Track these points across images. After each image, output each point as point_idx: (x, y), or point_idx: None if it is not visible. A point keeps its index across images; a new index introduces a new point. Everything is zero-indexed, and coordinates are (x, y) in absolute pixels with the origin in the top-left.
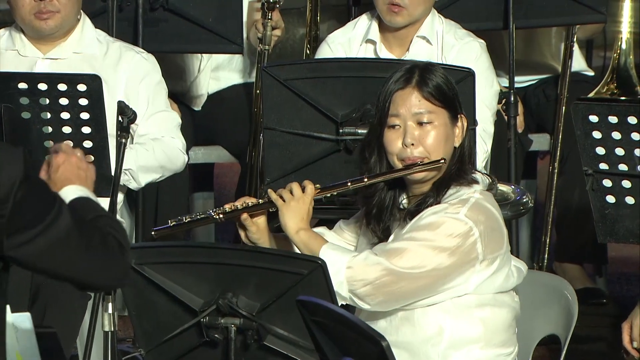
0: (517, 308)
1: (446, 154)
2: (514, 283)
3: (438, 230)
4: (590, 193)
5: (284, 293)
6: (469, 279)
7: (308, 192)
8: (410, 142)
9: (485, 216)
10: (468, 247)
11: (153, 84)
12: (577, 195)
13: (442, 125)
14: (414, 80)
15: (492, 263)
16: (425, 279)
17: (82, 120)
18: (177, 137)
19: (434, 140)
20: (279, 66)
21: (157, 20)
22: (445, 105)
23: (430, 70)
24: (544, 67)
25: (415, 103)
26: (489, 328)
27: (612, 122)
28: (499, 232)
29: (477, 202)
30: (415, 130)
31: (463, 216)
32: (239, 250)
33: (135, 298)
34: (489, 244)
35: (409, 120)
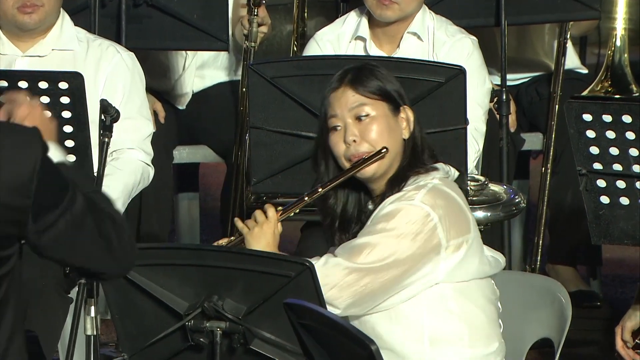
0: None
1: (392, 144)
2: (489, 271)
3: (395, 218)
4: (583, 193)
5: (271, 296)
6: (437, 267)
7: (271, 217)
8: (351, 139)
9: (445, 200)
10: (428, 233)
11: (128, 88)
12: (570, 195)
13: (382, 117)
14: (347, 79)
15: (459, 248)
16: (389, 271)
17: (63, 119)
18: (142, 149)
19: (375, 133)
20: (265, 64)
21: (141, 16)
22: (383, 98)
23: (364, 68)
24: (536, 65)
25: (349, 99)
26: (470, 322)
27: (606, 120)
28: (462, 216)
29: (434, 187)
30: (354, 126)
31: (419, 202)
32: (225, 252)
33: (119, 301)
34: (451, 229)
35: (347, 117)
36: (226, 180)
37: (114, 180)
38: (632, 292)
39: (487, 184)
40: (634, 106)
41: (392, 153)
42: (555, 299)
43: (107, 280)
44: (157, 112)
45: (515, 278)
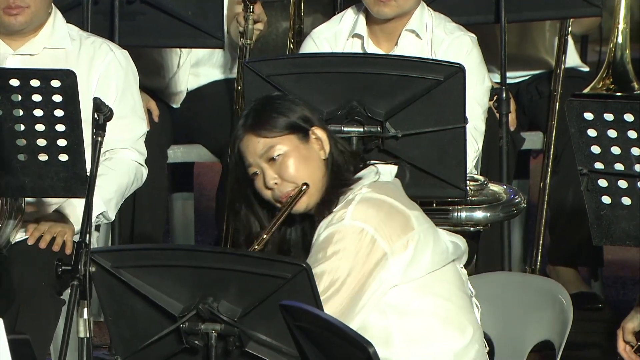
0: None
1: (314, 173)
2: (448, 257)
3: (332, 243)
4: (585, 193)
5: (267, 297)
6: (389, 272)
7: None
8: (272, 182)
9: (376, 208)
10: (369, 247)
11: (121, 86)
12: (571, 195)
13: (294, 150)
14: (247, 125)
15: (406, 248)
16: (341, 294)
17: (56, 117)
18: (135, 149)
19: (292, 169)
20: (261, 61)
21: (134, 13)
22: (288, 131)
23: (261, 107)
24: (537, 62)
25: (256, 146)
26: (439, 315)
27: (607, 119)
28: (399, 216)
29: (362, 199)
30: (270, 169)
31: (349, 220)
32: (220, 253)
33: (112, 303)
34: (391, 234)
35: (261, 162)
36: (221, 180)
37: (107, 181)
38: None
39: (487, 183)
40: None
41: (316, 181)
42: (556, 301)
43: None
44: (151, 110)
45: (515, 279)
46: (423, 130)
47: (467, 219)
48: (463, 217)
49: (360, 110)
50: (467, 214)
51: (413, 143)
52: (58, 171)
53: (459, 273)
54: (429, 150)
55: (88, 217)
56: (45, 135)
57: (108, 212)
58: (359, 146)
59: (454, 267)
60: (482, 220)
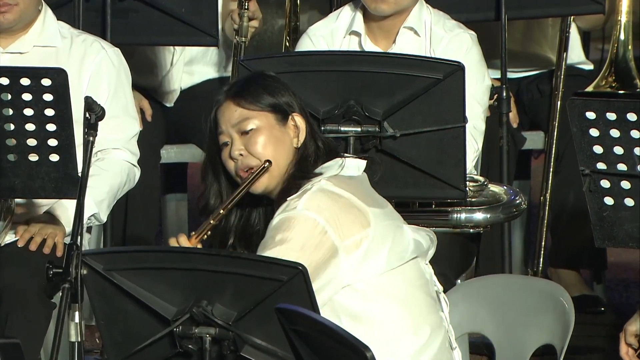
0: (426, 285)
1: (279, 156)
2: (406, 256)
3: (282, 230)
4: (587, 194)
5: (263, 301)
6: (340, 269)
7: (187, 245)
8: (237, 153)
9: (331, 200)
10: (318, 237)
11: (113, 85)
12: (573, 196)
13: (267, 128)
14: (230, 92)
15: (359, 246)
16: None
17: (46, 117)
18: (128, 149)
19: (260, 145)
20: (256, 59)
21: (127, 10)
22: (267, 108)
23: (251, 78)
24: (540, 59)
25: (232, 114)
26: (392, 317)
27: (610, 119)
28: (356, 213)
29: (318, 190)
30: (239, 141)
31: (302, 209)
32: (215, 256)
33: (104, 306)
34: (344, 228)
35: (232, 132)
36: None
37: (99, 182)
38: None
39: (487, 184)
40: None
41: (281, 164)
42: (558, 304)
43: None
44: (143, 110)
45: (516, 282)
46: (422, 129)
47: (466, 220)
48: (463, 219)
49: (358, 109)
50: (467, 215)
51: (411, 143)
52: (49, 172)
53: (421, 271)
54: (428, 150)
55: (79, 219)
56: (36, 135)
57: (100, 213)
58: (356, 146)
59: (415, 266)
60: (482, 222)
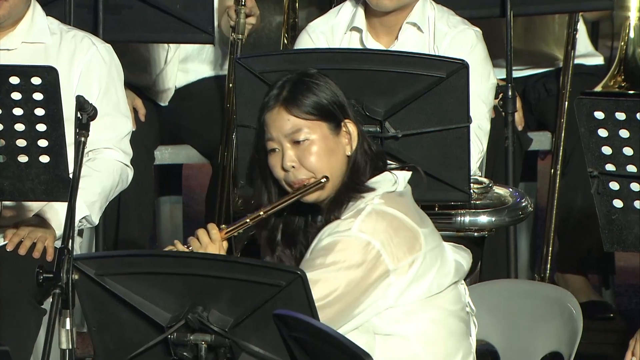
0: (459, 309)
1: (334, 167)
2: (448, 282)
3: (333, 252)
4: (595, 197)
5: (260, 306)
6: (386, 293)
7: (214, 238)
8: (289, 165)
9: (385, 222)
10: (372, 262)
11: (105, 83)
12: (580, 199)
13: (322, 139)
14: (282, 97)
15: (410, 268)
16: (334, 306)
17: (36, 116)
18: (120, 149)
19: (315, 158)
20: (253, 57)
21: (120, 6)
22: (321, 117)
23: (302, 82)
24: (546, 57)
25: (284, 123)
26: (430, 340)
27: (619, 119)
28: (409, 234)
29: (373, 211)
30: (292, 150)
31: (356, 231)
32: (211, 260)
33: (96, 312)
34: (398, 251)
35: (283, 141)
36: (211, 183)
37: (91, 183)
38: None
39: (492, 186)
40: None
41: (334, 175)
42: (565, 310)
43: None
44: (137, 109)
45: (522, 288)
46: (424, 130)
47: (471, 223)
48: (467, 222)
49: (358, 108)
50: (471, 218)
51: (414, 143)
52: (39, 173)
53: (459, 295)
54: (431, 151)
55: (70, 222)
56: (25, 136)
57: (91, 216)
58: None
59: (454, 290)
60: (486, 225)
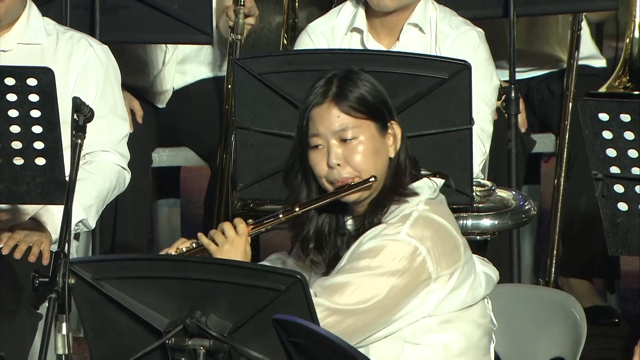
0: (488, 323)
1: (378, 168)
2: (481, 294)
3: (379, 256)
4: (600, 200)
5: (259, 311)
6: (425, 301)
7: (241, 232)
8: (335, 162)
9: (432, 230)
10: (417, 269)
11: (102, 85)
12: (585, 202)
13: (369, 139)
14: (331, 93)
15: (450, 279)
16: (374, 311)
17: (32, 118)
18: (117, 152)
19: (361, 157)
20: (252, 58)
21: (117, 7)
22: (370, 116)
23: (350, 79)
24: (549, 58)
25: (334, 119)
26: (454, 351)
27: (624, 120)
28: (452, 244)
29: (420, 217)
30: (339, 148)
31: (405, 236)
32: (209, 264)
33: (93, 317)
34: (442, 260)
35: (331, 138)
36: (210, 186)
37: (87, 186)
38: None
39: (494, 189)
40: None
41: (379, 176)
42: (569, 315)
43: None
44: (134, 111)
45: (525, 292)
46: (426, 132)
47: (473, 227)
48: (469, 225)
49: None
50: (474, 221)
51: (415, 146)
52: (34, 176)
53: (485, 311)
54: (433, 153)
55: (67, 225)
56: (21, 138)
57: (88, 219)
58: None
59: (482, 305)
60: (489, 229)
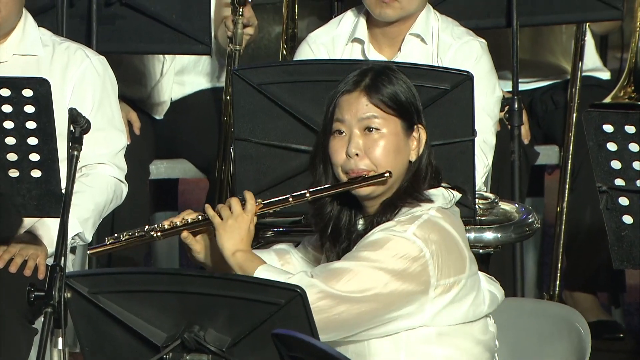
0: (490, 341)
1: (397, 167)
2: (483, 311)
3: (382, 249)
4: (604, 212)
5: (259, 326)
6: (423, 308)
7: (248, 209)
8: (354, 151)
9: (439, 235)
10: (417, 270)
11: (98, 96)
12: (589, 215)
13: (393, 135)
14: (364, 84)
15: (449, 290)
16: (367, 303)
17: (27, 130)
18: (114, 164)
19: (381, 151)
20: (251, 69)
21: (114, 16)
22: (398, 113)
23: (386, 74)
24: (553, 68)
25: (362, 108)
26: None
27: (629, 132)
28: (457, 254)
29: (430, 220)
30: (360, 138)
31: (411, 234)
32: (207, 278)
33: (89, 332)
34: (444, 267)
35: (354, 127)
36: (208, 198)
37: (84, 199)
38: None
39: (497, 202)
40: None
41: (395, 175)
42: (573, 330)
43: None
44: (131, 122)
45: (528, 306)
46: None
47: (476, 240)
48: (472, 238)
49: None
50: (476, 234)
51: None
52: (30, 188)
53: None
54: None
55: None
56: (16, 150)
57: (84, 232)
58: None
59: (484, 323)
60: (492, 242)
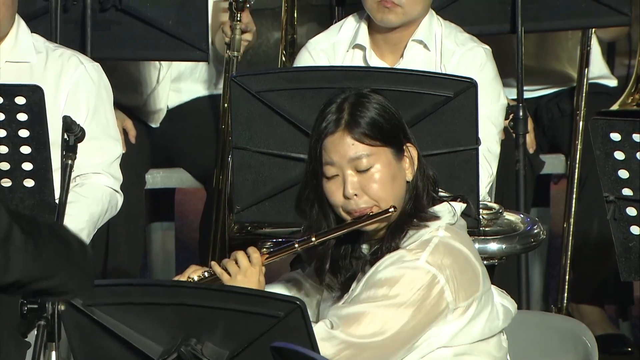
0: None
1: (396, 195)
2: (498, 327)
3: (397, 285)
4: (611, 223)
5: (257, 339)
6: (441, 330)
7: (255, 262)
8: (352, 192)
9: (452, 258)
10: (435, 298)
11: (93, 104)
12: (596, 225)
13: (385, 166)
14: (344, 121)
15: (467, 309)
16: (391, 344)
17: (20, 138)
18: (109, 174)
19: (378, 186)
20: (249, 76)
21: (109, 22)
22: (385, 142)
23: (361, 103)
24: (559, 75)
25: (348, 148)
26: None
27: (637, 140)
28: (472, 273)
29: (440, 243)
30: (354, 177)
31: (424, 263)
32: (205, 290)
33: (83, 345)
34: (460, 289)
35: (346, 168)
36: (206, 208)
37: (78, 209)
38: None
39: (502, 212)
40: None
41: (398, 203)
42: (580, 344)
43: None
44: (127, 131)
45: (534, 319)
46: (431, 152)
47: (480, 251)
48: None
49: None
50: (481, 245)
51: None
52: (23, 198)
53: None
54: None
55: None
56: (9, 158)
57: None
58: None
59: (498, 339)
60: (497, 253)
